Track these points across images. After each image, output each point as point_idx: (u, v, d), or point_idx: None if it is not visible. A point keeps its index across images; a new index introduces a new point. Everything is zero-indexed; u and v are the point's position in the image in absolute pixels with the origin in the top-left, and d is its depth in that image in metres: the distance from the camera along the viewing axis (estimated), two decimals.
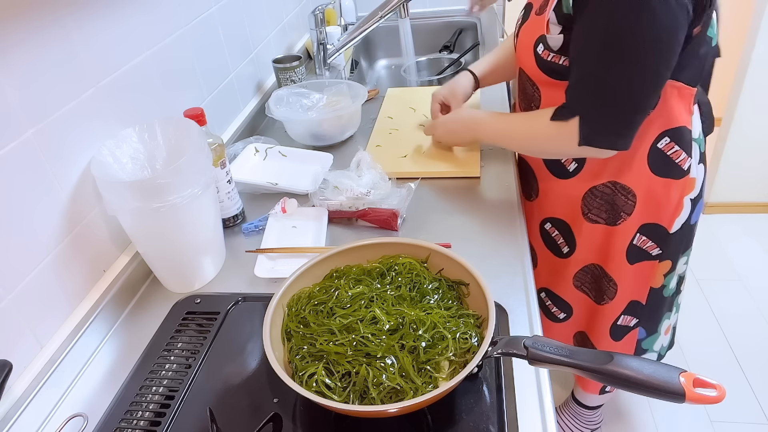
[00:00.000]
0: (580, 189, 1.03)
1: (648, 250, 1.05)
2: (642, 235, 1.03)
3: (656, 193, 0.98)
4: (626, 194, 0.99)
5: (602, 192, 1.01)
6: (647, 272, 1.08)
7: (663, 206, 0.99)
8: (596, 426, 1.62)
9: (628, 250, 1.04)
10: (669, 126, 0.92)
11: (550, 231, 1.14)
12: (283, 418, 0.65)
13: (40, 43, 0.72)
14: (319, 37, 1.59)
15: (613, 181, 0.99)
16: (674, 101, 0.90)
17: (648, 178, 0.96)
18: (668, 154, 0.94)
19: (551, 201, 1.10)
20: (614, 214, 1.02)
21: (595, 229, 1.05)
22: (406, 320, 0.66)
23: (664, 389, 0.52)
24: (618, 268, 1.08)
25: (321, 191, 1.05)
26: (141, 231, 0.83)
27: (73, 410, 0.72)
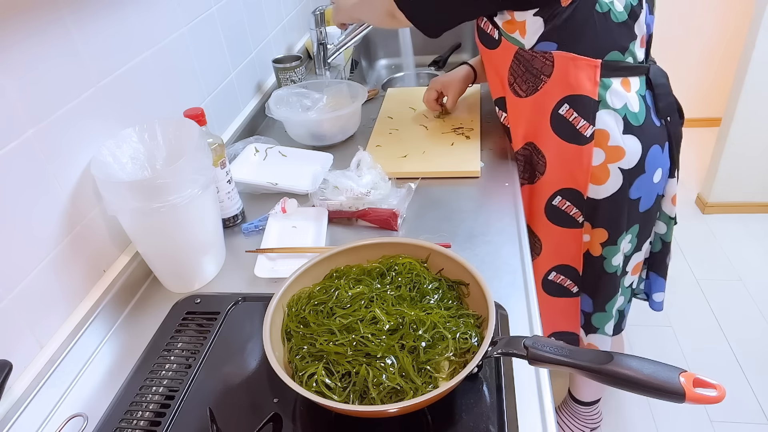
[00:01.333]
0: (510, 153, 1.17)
1: (574, 217, 1.12)
2: (562, 198, 1.11)
3: (564, 157, 1.05)
4: (538, 155, 1.09)
5: (522, 155, 1.12)
6: (575, 237, 1.14)
7: (574, 170, 1.06)
8: (596, 425, 1.62)
9: (546, 208, 1.13)
10: (567, 93, 1.00)
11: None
12: (283, 418, 0.65)
13: (41, 42, 0.72)
14: (319, 37, 1.59)
15: (529, 142, 1.10)
16: (572, 71, 0.97)
17: (555, 141, 1.05)
18: (569, 120, 1.01)
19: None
20: (531, 174, 1.13)
21: (523, 189, 1.13)
22: (406, 320, 0.66)
23: (664, 389, 0.52)
24: (541, 225, 1.17)
25: (321, 191, 1.05)
26: (141, 231, 0.83)
27: (73, 410, 0.72)
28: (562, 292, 1.22)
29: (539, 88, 1.01)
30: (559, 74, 0.98)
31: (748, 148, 2.34)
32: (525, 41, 0.98)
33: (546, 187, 1.11)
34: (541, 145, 1.07)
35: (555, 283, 1.22)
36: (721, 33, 2.83)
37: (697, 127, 3.06)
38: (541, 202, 1.13)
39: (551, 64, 0.98)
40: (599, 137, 1.01)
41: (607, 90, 0.99)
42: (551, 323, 1.28)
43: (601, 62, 0.97)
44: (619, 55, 0.98)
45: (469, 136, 1.24)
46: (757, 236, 2.39)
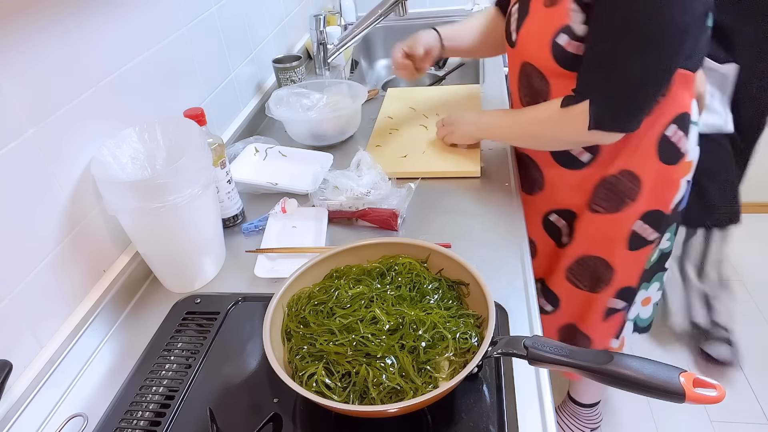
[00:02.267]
0: (592, 179, 1.03)
1: (646, 237, 1.06)
2: (644, 223, 1.04)
3: (660, 179, 1.00)
4: (632, 180, 1.00)
5: (610, 182, 1.02)
6: (643, 258, 1.10)
7: (665, 192, 1.02)
8: (596, 425, 1.62)
9: (629, 237, 1.06)
10: (676, 113, 0.95)
11: (556, 221, 1.15)
12: (283, 418, 0.65)
13: (41, 42, 0.72)
14: (319, 37, 1.59)
15: (625, 171, 1.00)
16: (679, 89, 0.92)
17: (655, 165, 0.98)
18: (674, 141, 0.96)
19: (559, 192, 1.11)
20: (617, 201, 1.03)
21: (595, 218, 1.06)
22: (406, 320, 0.66)
23: (664, 389, 0.52)
24: (619, 256, 1.09)
25: (321, 191, 1.05)
26: (141, 231, 0.83)
27: (73, 410, 0.72)
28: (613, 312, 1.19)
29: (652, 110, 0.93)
30: (672, 93, 0.92)
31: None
32: None
33: (631, 214, 1.03)
34: (640, 170, 0.99)
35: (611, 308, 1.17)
36: None
37: None
38: (623, 232, 1.05)
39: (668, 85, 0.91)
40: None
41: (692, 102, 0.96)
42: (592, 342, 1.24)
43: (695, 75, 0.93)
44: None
45: None
46: (757, 236, 2.39)
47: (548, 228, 1.17)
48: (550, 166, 1.08)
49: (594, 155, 1.01)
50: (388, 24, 1.70)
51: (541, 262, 1.22)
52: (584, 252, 1.12)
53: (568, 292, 1.18)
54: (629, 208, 1.02)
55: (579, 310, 1.20)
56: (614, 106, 0.87)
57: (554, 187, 1.11)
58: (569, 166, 1.05)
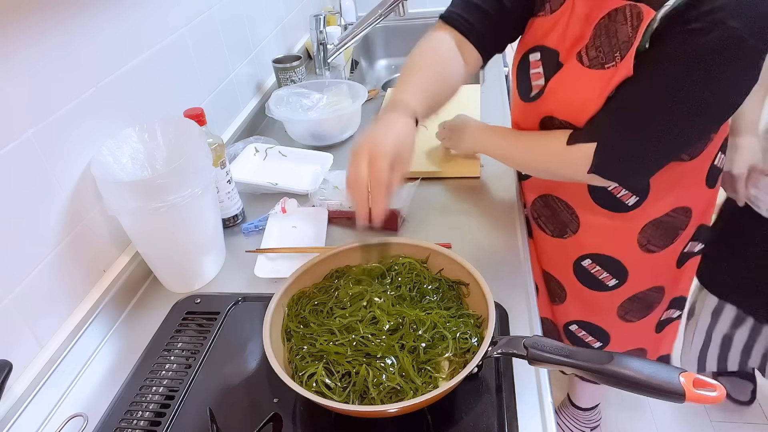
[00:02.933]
0: (638, 222, 0.95)
1: (693, 251, 1.04)
2: (693, 241, 1.02)
3: (707, 203, 0.99)
4: (685, 213, 0.95)
5: (662, 222, 0.94)
6: (693, 268, 1.08)
7: (709, 211, 1.00)
8: (595, 425, 1.62)
9: (678, 258, 1.03)
10: (722, 141, 0.91)
11: (590, 267, 1.04)
12: (283, 418, 0.65)
13: (41, 43, 0.72)
14: (319, 37, 1.59)
15: (675, 208, 0.93)
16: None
17: (704, 193, 0.96)
18: (719, 166, 0.94)
19: (597, 237, 1.00)
20: (671, 236, 0.97)
21: (651, 257, 0.99)
22: (406, 320, 0.66)
23: (664, 389, 0.52)
24: (670, 278, 1.05)
25: (321, 191, 1.05)
26: (141, 231, 0.83)
27: (73, 410, 0.72)
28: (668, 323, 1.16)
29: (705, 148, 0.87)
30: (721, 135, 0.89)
31: None
32: None
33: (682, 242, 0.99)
34: (692, 203, 0.94)
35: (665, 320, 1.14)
36: None
37: None
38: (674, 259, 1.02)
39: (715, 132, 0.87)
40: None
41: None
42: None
43: None
44: None
45: None
46: None
47: (580, 274, 1.06)
48: (588, 208, 0.97)
49: (642, 198, 0.91)
50: (388, 24, 1.70)
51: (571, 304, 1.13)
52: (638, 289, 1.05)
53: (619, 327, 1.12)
54: (680, 238, 0.98)
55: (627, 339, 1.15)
56: (622, 160, 0.79)
57: (591, 232, 1.00)
58: (612, 209, 0.94)
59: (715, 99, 0.71)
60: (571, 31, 0.82)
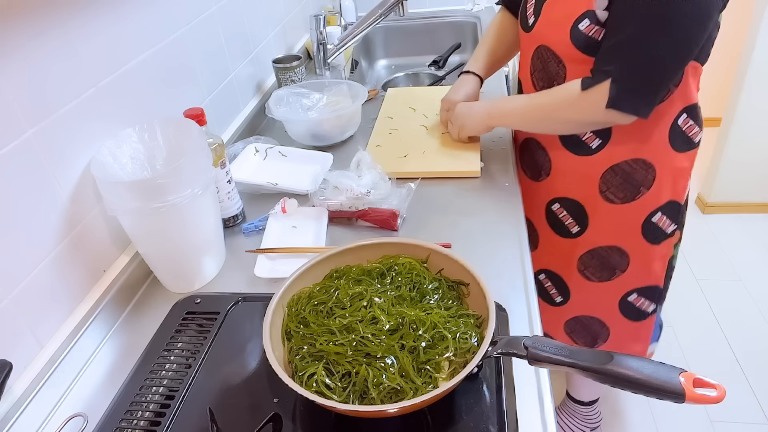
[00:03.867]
0: (600, 166, 1.04)
1: (664, 229, 1.07)
2: (662, 214, 1.05)
3: (674, 169, 1.02)
4: (646, 169, 1.01)
5: (622, 170, 1.02)
6: (666, 252, 1.10)
7: (679, 181, 1.04)
8: (596, 424, 1.62)
9: (643, 226, 1.06)
10: (687, 103, 0.97)
11: (558, 212, 1.14)
12: (283, 418, 0.65)
13: (40, 42, 0.72)
14: (319, 37, 1.59)
15: (634, 158, 1.01)
16: (690, 80, 0.95)
17: (668, 153, 1.00)
18: (684, 129, 0.99)
19: (565, 180, 1.10)
20: (633, 191, 1.04)
21: (611, 209, 1.06)
22: (406, 320, 0.66)
23: (664, 389, 0.52)
24: (633, 245, 1.09)
25: (321, 191, 1.05)
26: (141, 231, 0.83)
27: (73, 410, 0.72)
28: (639, 315, 1.18)
29: (664, 99, 0.95)
30: (684, 84, 0.94)
31: (749, 149, 2.34)
32: None
33: (647, 204, 1.05)
34: (653, 158, 1.01)
35: (634, 306, 1.17)
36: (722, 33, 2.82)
37: None
38: (638, 221, 1.07)
39: (681, 75, 0.93)
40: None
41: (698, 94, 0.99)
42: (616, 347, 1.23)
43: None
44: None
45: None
46: (757, 236, 2.39)
47: (550, 218, 1.17)
48: (557, 150, 1.08)
49: (604, 141, 1.01)
50: (388, 24, 1.70)
51: (542, 252, 1.22)
52: (597, 243, 1.12)
53: (578, 284, 1.18)
54: (645, 198, 1.04)
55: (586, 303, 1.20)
56: (634, 87, 0.87)
57: (561, 173, 1.10)
58: (578, 151, 1.05)
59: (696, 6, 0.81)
60: None
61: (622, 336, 1.22)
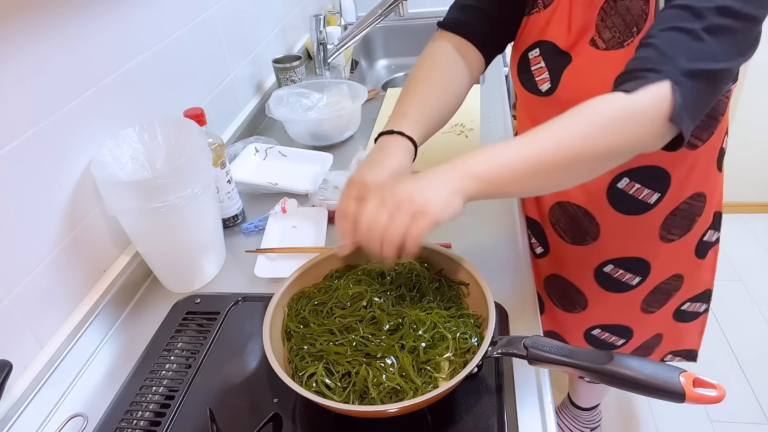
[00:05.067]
0: (659, 217, 0.93)
1: (711, 240, 1.03)
2: (710, 229, 1.01)
3: (719, 188, 0.98)
4: (700, 200, 0.94)
5: (681, 210, 0.93)
6: (713, 259, 1.07)
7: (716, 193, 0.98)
8: (596, 425, 1.62)
9: (696, 248, 1.01)
10: (726, 128, 0.91)
11: (612, 272, 1.02)
12: (283, 418, 0.65)
13: (40, 43, 0.72)
14: (319, 37, 1.59)
15: (692, 195, 0.92)
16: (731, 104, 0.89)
17: (716, 177, 0.95)
18: (725, 149, 0.94)
19: (618, 242, 0.98)
20: (689, 223, 0.96)
21: (671, 248, 0.98)
22: (406, 320, 0.66)
23: (664, 389, 0.52)
24: (688, 267, 1.04)
25: (321, 191, 1.05)
26: (141, 231, 0.83)
27: (73, 410, 0.72)
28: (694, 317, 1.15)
29: (715, 131, 0.87)
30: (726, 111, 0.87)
31: (748, 149, 2.34)
32: None
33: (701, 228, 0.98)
34: (706, 188, 0.94)
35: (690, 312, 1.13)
36: None
37: None
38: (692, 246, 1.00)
39: (727, 102, 0.85)
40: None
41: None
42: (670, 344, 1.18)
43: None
44: None
45: (469, 136, 1.24)
46: (757, 236, 2.39)
47: (601, 280, 1.04)
48: (605, 213, 0.94)
49: (663, 193, 0.88)
50: (388, 24, 1.70)
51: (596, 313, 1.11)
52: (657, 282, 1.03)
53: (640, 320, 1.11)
54: (699, 224, 0.97)
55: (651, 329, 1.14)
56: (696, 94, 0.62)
57: (613, 237, 0.97)
58: (635, 212, 0.91)
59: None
60: (576, 20, 0.80)
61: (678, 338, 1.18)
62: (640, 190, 0.89)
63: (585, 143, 0.61)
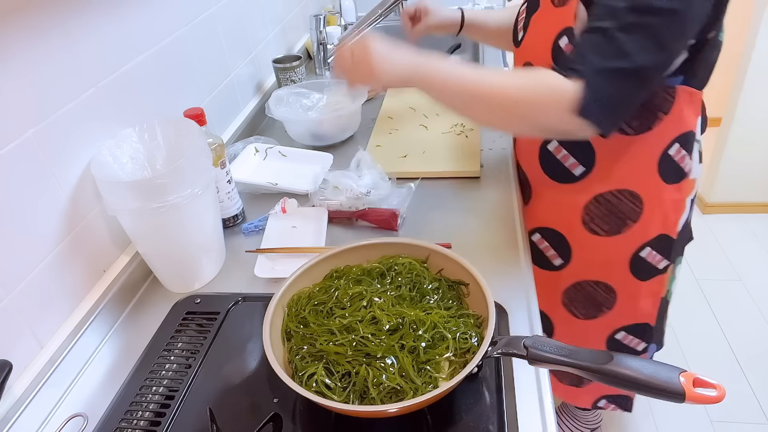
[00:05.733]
0: (583, 196, 0.96)
1: (656, 265, 1.01)
2: (652, 249, 0.99)
3: (663, 201, 0.95)
4: (633, 201, 0.94)
5: (607, 200, 0.95)
6: (657, 289, 1.03)
7: (669, 214, 0.96)
8: (596, 426, 1.62)
9: (631, 261, 1.00)
10: (680, 132, 0.89)
11: (538, 243, 1.07)
12: (283, 418, 0.65)
13: (40, 42, 0.72)
14: (319, 37, 1.59)
15: (620, 189, 0.94)
16: (685, 107, 0.87)
17: (657, 185, 0.93)
18: (676, 160, 0.91)
19: (545, 209, 1.04)
20: (619, 224, 0.97)
21: (596, 241, 0.99)
22: (406, 320, 0.66)
23: (664, 389, 0.52)
24: (620, 280, 1.02)
25: (321, 191, 1.05)
26: (141, 231, 0.83)
27: (73, 410, 0.72)
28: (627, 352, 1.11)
29: (653, 126, 0.87)
30: (676, 111, 0.87)
31: (748, 148, 2.34)
32: None
33: (635, 238, 0.98)
34: (641, 189, 0.93)
35: (622, 343, 1.11)
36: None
37: None
38: (626, 255, 1.00)
39: (672, 100, 0.85)
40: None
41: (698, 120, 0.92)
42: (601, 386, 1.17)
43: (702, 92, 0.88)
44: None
45: (469, 136, 1.24)
46: (757, 236, 2.39)
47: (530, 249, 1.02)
48: (539, 179, 1.01)
49: (588, 169, 0.94)
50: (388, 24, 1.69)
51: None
52: (581, 276, 1.05)
53: (563, 318, 1.12)
54: (632, 231, 0.97)
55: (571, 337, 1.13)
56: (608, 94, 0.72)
57: (541, 203, 1.04)
58: (560, 179, 0.98)
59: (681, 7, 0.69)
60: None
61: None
62: (566, 156, 0.95)
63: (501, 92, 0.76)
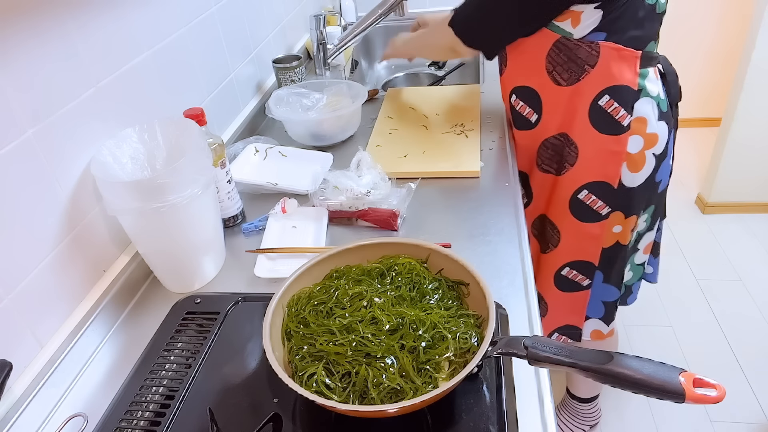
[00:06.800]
0: (536, 141, 1.14)
1: (597, 210, 1.11)
2: (588, 192, 1.10)
3: (598, 149, 1.05)
4: (570, 146, 1.08)
5: (553, 144, 1.11)
6: (598, 233, 1.13)
7: (607, 162, 1.06)
8: (595, 421, 1.62)
9: (571, 202, 1.12)
10: (608, 84, 1.00)
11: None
12: (283, 418, 0.65)
13: (41, 43, 0.72)
14: (319, 37, 1.59)
15: (562, 133, 1.09)
16: (614, 62, 0.98)
17: (591, 133, 1.04)
18: (608, 111, 1.01)
19: (519, 153, 1.21)
20: (560, 164, 1.12)
21: (546, 178, 1.17)
22: (406, 320, 0.66)
23: (664, 389, 0.52)
24: (561, 216, 1.16)
25: (321, 191, 1.05)
26: (141, 231, 0.83)
27: (73, 410, 0.72)
28: (572, 287, 1.22)
29: (581, 78, 1.00)
30: (603, 65, 0.98)
31: (748, 148, 2.34)
32: (575, 31, 0.97)
33: (573, 179, 1.11)
34: (575, 136, 1.07)
35: (567, 278, 1.22)
36: (722, 33, 2.83)
37: (697, 127, 3.06)
38: (566, 195, 1.13)
39: (596, 55, 0.97)
40: (638, 125, 1.02)
41: (645, 79, 1.00)
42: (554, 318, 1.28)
43: (642, 53, 0.98)
44: (653, 45, 1.01)
45: (469, 136, 1.24)
46: (757, 236, 2.39)
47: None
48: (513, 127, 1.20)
49: (539, 116, 1.10)
50: (388, 24, 1.69)
51: None
52: (539, 210, 1.23)
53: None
54: (570, 173, 1.10)
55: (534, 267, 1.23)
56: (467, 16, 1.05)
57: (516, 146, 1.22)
58: (522, 127, 1.15)
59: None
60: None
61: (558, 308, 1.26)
62: (523, 107, 1.12)
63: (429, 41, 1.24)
